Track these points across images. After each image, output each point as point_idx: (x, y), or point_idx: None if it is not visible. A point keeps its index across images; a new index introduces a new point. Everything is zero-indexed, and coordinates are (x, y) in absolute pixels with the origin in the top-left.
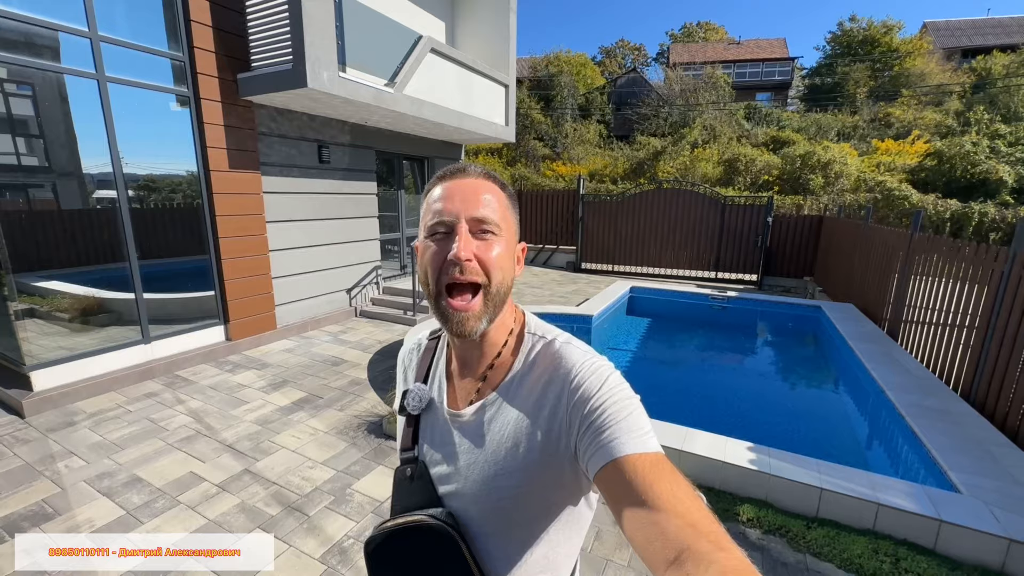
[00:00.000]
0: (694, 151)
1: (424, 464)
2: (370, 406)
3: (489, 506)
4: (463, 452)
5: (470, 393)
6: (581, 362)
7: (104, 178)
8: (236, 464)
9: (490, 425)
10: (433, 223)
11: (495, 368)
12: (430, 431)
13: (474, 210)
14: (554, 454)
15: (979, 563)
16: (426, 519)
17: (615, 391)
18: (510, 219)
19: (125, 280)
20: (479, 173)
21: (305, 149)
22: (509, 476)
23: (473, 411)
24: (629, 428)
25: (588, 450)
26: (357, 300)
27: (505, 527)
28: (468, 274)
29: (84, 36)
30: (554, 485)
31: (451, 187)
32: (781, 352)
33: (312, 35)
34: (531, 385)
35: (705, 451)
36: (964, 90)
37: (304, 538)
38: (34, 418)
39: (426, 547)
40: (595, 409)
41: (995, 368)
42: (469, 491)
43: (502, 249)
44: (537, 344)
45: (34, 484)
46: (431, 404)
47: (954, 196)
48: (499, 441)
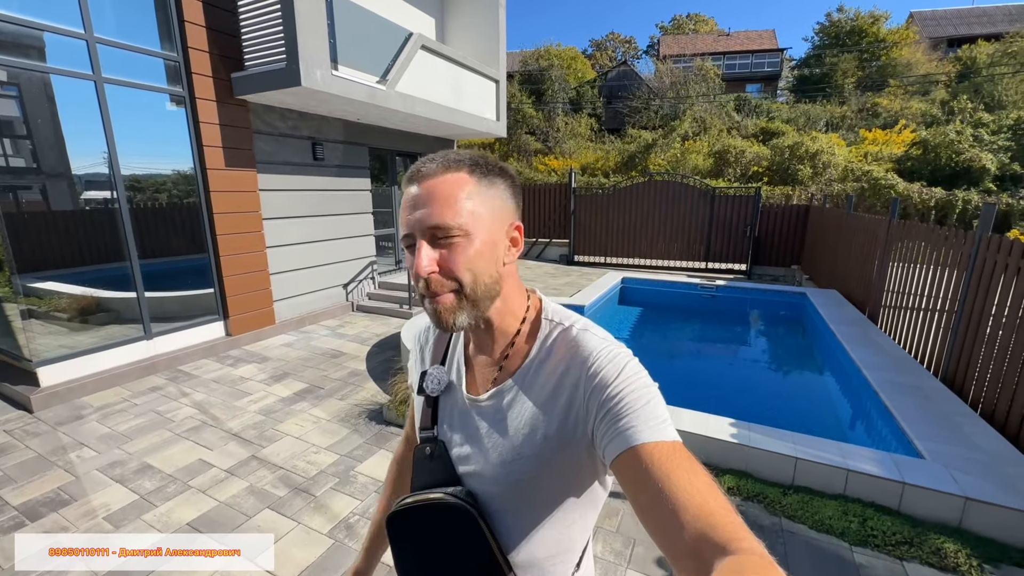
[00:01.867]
0: (684, 143)
1: (443, 444)
2: (370, 395)
3: (507, 488)
4: (482, 435)
5: (488, 378)
6: (599, 349)
7: (103, 179)
8: (243, 451)
9: (508, 411)
10: (403, 235)
11: (512, 354)
12: (449, 412)
13: (430, 219)
14: (571, 440)
15: (939, 520)
16: (446, 497)
17: (633, 379)
18: (480, 210)
19: (126, 279)
20: (438, 168)
21: (299, 147)
22: (526, 461)
23: (491, 396)
24: (647, 416)
25: (605, 437)
26: (353, 295)
27: (522, 507)
28: (434, 287)
29: (81, 38)
30: (570, 470)
31: (412, 195)
32: (768, 337)
33: (304, 34)
34: (548, 372)
35: (690, 427)
36: (949, 79)
37: (312, 516)
38: (43, 412)
39: (445, 523)
40: (612, 397)
41: (963, 346)
42: (487, 473)
43: (471, 249)
44: (554, 331)
45: (48, 473)
46: (450, 387)
47: (939, 184)
48: (517, 427)
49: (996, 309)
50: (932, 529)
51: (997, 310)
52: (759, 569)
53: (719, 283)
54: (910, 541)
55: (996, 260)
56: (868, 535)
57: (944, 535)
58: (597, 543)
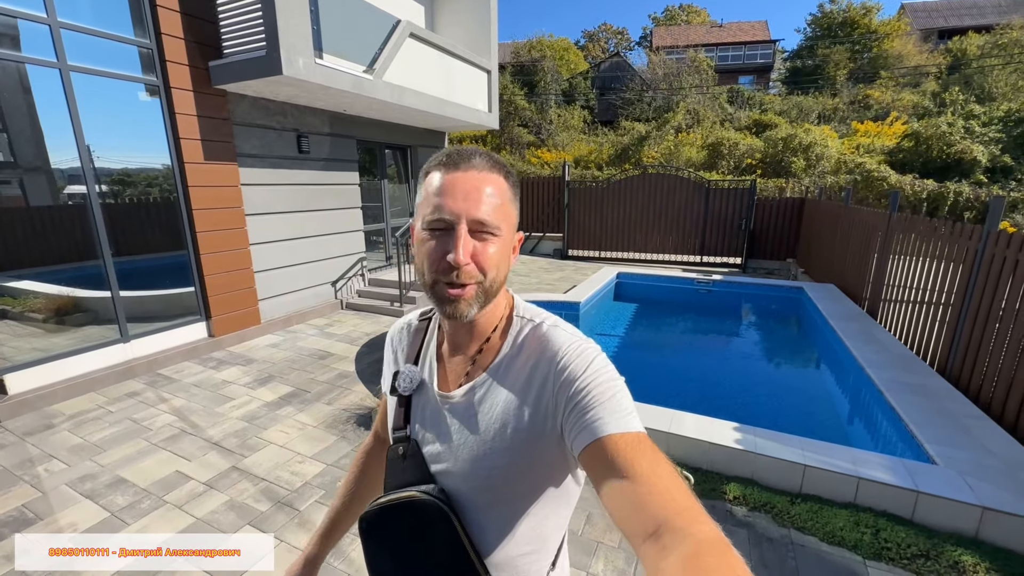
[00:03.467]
0: (678, 136)
1: (416, 443)
2: (358, 399)
3: (479, 483)
4: (453, 432)
5: (460, 375)
6: (567, 345)
7: (73, 172)
8: (223, 461)
9: (479, 406)
10: (432, 218)
11: (484, 351)
12: (421, 411)
13: (475, 211)
14: (541, 434)
15: (955, 531)
16: (418, 495)
17: (599, 373)
18: (511, 213)
19: (100, 278)
20: (484, 163)
21: (283, 139)
22: (498, 456)
23: (463, 393)
24: (612, 409)
25: (573, 430)
26: (343, 292)
27: (495, 502)
28: (464, 277)
29: (43, 23)
30: (541, 463)
31: (453, 180)
32: (765, 333)
33: (286, 19)
34: (519, 367)
35: (692, 432)
36: (940, 71)
37: (296, 532)
38: (10, 422)
39: (418, 522)
40: (580, 390)
41: (969, 343)
42: (459, 470)
43: (499, 247)
44: (525, 327)
45: (13, 489)
46: (422, 385)
47: (931, 176)
48: (488, 422)
49: (1006, 305)
50: (948, 540)
51: (1007, 306)
52: (716, 552)
53: (715, 278)
54: (926, 554)
55: (1006, 256)
56: (882, 548)
57: (961, 547)
58: (598, 560)
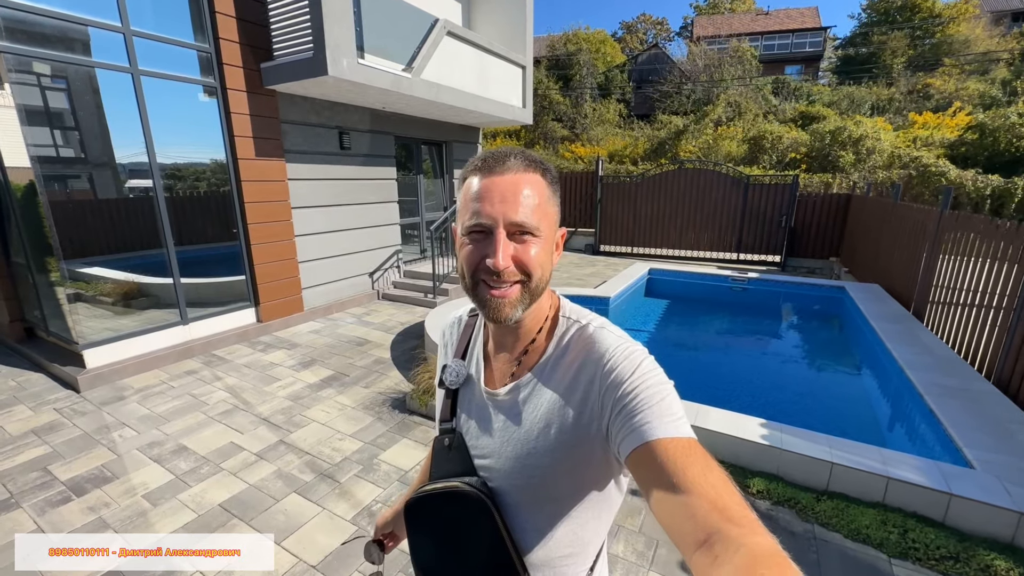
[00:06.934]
0: (717, 129)
1: (461, 435)
2: (394, 384)
3: (521, 482)
4: (498, 429)
5: (505, 374)
6: (615, 347)
7: (134, 167)
8: (272, 435)
9: (524, 405)
10: (471, 224)
11: (530, 351)
12: (467, 405)
13: (513, 214)
14: (585, 437)
15: (989, 536)
16: (461, 486)
17: (648, 376)
18: (550, 211)
19: (163, 265)
20: (520, 165)
21: (326, 136)
22: (541, 456)
23: (508, 391)
24: (662, 413)
25: (620, 433)
26: (379, 283)
27: (536, 501)
28: (506, 278)
29: (118, 31)
30: (584, 466)
31: (490, 184)
32: (800, 333)
33: (331, 22)
34: (564, 368)
35: (718, 427)
36: (1012, 57)
37: (336, 502)
38: (88, 392)
39: (461, 511)
40: (628, 393)
41: (1021, 347)
42: (502, 466)
43: (540, 247)
44: (571, 328)
45: (93, 451)
46: (468, 380)
47: (997, 172)
48: (532, 421)
49: None
50: (981, 544)
51: None
52: (773, 564)
53: (751, 275)
54: (956, 556)
55: None
56: (909, 547)
57: (995, 551)
58: (619, 543)
